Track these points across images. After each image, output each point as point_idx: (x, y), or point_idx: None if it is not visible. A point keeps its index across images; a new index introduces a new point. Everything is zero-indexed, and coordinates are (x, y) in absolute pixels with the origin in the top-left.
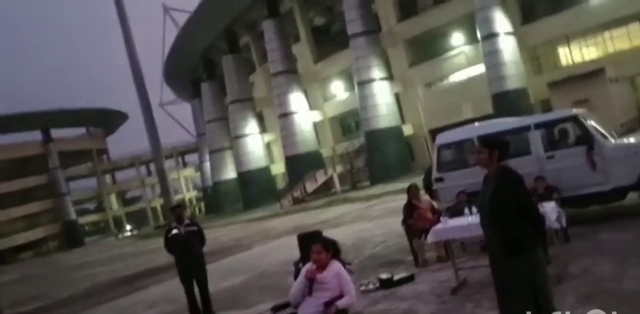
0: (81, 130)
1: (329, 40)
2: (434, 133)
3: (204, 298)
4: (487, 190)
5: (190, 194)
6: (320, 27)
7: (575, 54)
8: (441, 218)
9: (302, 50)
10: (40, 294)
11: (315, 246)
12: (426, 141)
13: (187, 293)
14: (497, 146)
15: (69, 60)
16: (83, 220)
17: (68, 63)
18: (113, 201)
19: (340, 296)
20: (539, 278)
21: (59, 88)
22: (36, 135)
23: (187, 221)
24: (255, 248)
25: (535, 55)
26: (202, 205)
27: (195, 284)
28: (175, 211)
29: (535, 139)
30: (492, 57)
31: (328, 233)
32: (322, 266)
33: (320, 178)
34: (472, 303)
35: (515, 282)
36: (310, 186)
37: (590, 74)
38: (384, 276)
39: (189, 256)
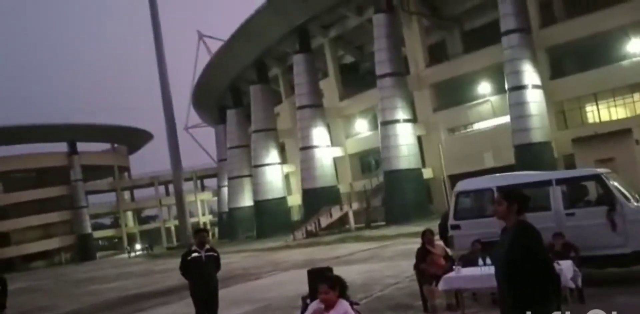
0: (106, 146)
1: (357, 79)
2: (454, 178)
3: None
4: (503, 243)
5: (205, 218)
6: (349, 65)
7: (602, 112)
8: (454, 266)
9: (329, 86)
10: (47, 305)
11: (322, 287)
12: (445, 186)
13: None
14: (516, 199)
15: (102, 76)
16: (97, 234)
17: (100, 79)
18: (129, 218)
19: None
20: None
21: (86, 103)
22: (60, 147)
23: (207, 246)
24: (263, 279)
25: (562, 110)
26: (216, 230)
27: (206, 310)
28: (200, 234)
29: (556, 195)
30: (518, 109)
31: (339, 270)
32: (330, 306)
33: (336, 213)
34: None
35: None
36: (324, 221)
37: (617, 134)
38: None
39: (207, 281)
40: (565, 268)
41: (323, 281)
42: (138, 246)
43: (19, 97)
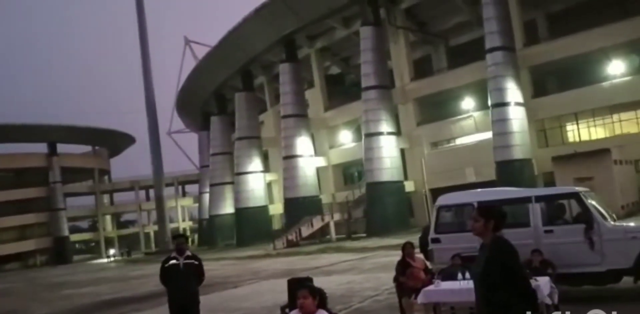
0: (86, 148)
1: (342, 90)
2: (435, 192)
3: None
4: (480, 259)
5: (185, 224)
6: (335, 76)
7: (582, 132)
8: (433, 280)
9: (315, 97)
10: (18, 309)
11: (302, 292)
12: (426, 199)
13: None
14: (493, 216)
15: (84, 78)
16: (75, 237)
17: (82, 81)
18: (108, 222)
19: None
20: None
21: (69, 104)
22: (39, 148)
23: (188, 253)
24: (242, 288)
25: (543, 128)
26: (196, 236)
27: None
28: (178, 240)
29: (535, 212)
30: (500, 125)
31: (318, 281)
32: (308, 313)
33: (317, 223)
34: None
35: None
36: (305, 231)
37: (596, 153)
38: None
39: (183, 291)
40: (543, 284)
41: (303, 287)
42: (112, 251)
43: None
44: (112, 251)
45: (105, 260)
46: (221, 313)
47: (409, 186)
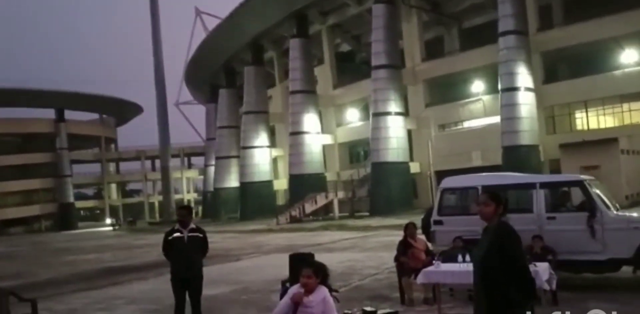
0: (94, 116)
1: (352, 68)
2: (440, 174)
3: (196, 311)
4: (482, 243)
5: (190, 196)
6: (345, 53)
7: (591, 120)
8: (434, 261)
9: (324, 73)
10: (22, 272)
11: (306, 271)
12: (431, 181)
13: (176, 305)
14: (502, 201)
15: (94, 47)
16: (80, 204)
17: (92, 50)
18: (113, 190)
19: None
20: None
21: (79, 72)
22: (47, 113)
23: (192, 226)
24: (243, 261)
25: (552, 115)
26: (200, 208)
27: (187, 295)
28: (179, 212)
29: (539, 198)
30: (509, 110)
31: (320, 257)
32: (309, 290)
33: (321, 201)
34: None
35: None
36: (309, 208)
37: (604, 142)
38: (368, 309)
39: (187, 265)
40: (542, 270)
41: (308, 265)
42: (109, 220)
43: (6, 59)
44: (108, 220)
45: (109, 228)
46: (223, 285)
47: (414, 167)
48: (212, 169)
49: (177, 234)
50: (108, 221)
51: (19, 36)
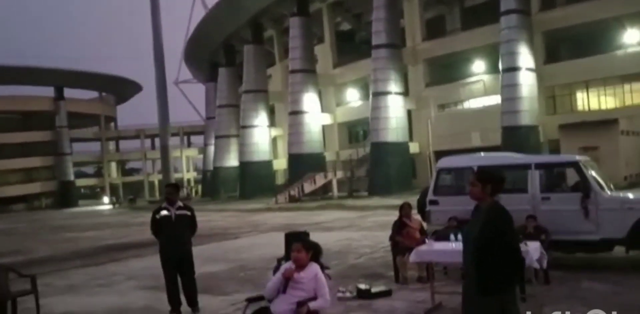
0: (93, 95)
1: (352, 47)
2: (440, 155)
3: (189, 291)
4: (475, 222)
5: (189, 175)
6: (345, 32)
7: (592, 101)
8: (427, 240)
9: (324, 53)
10: (21, 249)
11: (296, 245)
12: (430, 161)
13: (167, 283)
14: (490, 180)
15: (92, 23)
16: (80, 182)
17: (90, 26)
18: (113, 168)
19: (314, 298)
20: None
21: (78, 50)
22: (46, 91)
23: (179, 204)
24: (241, 239)
25: (552, 95)
26: (199, 187)
27: (179, 275)
28: (168, 189)
29: (534, 178)
30: (509, 90)
31: (317, 237)
32: (301, 266)
33: (320, 180)
34: None
35: None
36: (308, 187)
37: (604, 123)
38: (363, 286)
39: (175, 243)
40: (532, 249)
41: (298, 240)
42: (106, 199)
43: (3, 36)
44: (106, 199)
45: (108, 206)
46: (220, 262)
47: (414, 147)
48: (211, 148)
49: (164, 212)
50: (105, 200)
51: (16, 12)
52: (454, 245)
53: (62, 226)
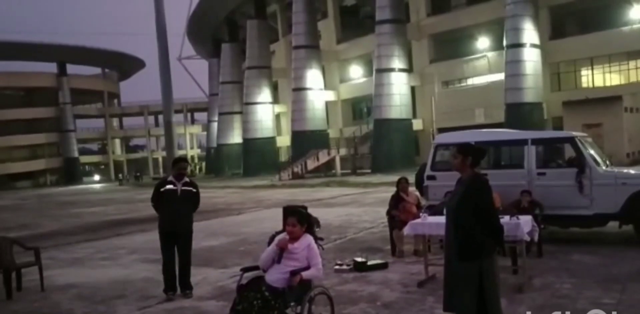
0: (96, 71)
1: (356, 23)
2: (443, 132)
3: (183, 270)
4: (456, 193)
5: (193, 152)
6: (349, 7)
7: (596, 78)
8: (421, 214)
9: (327, 28)
10: (29, 223)
11: (290, 219)
12: (433, 138)
13: (165, 262)
14: (470, 153)
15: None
16: (84, 159)
17: (93, 2)
18: (117, 145)
19: (307, 268)
20: (487, 285)
21: (80, 25)
22: (49, 67)
23: (185, 180)
24: (244, 215)
25: (557, 72)
26: (203, 164)
27: (176, 252)
28: (179, 165)
29: (530, 154)
30: (513, 67)
31: (318, 212)
32: (294, 238)
33: (323, 157)
34: (433, 297)
35: (463, 286)
36: (311, 164)
37: (607, 100)
38: (359, 259)
39: (178, 218)
40: (524, 222)
41: (292, 214)
42: (97, 177)
43: (5, 12)
44: (97, 177)
45: (114, 184)
46: (222, 237)
47: (417, 124)
48: (215, 125)
49: (169, 186)
50: (96, 177)
51: None
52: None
53: (67, 202)
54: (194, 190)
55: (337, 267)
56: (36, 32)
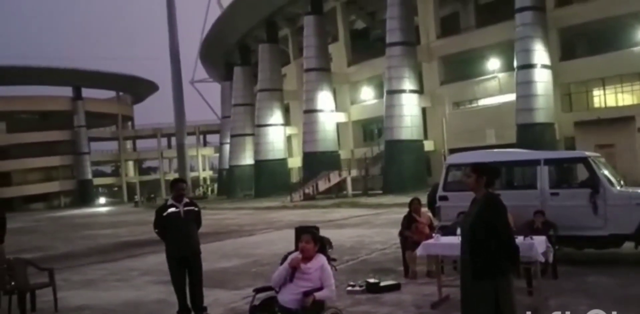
0: (110, 94)
1: (366, 45)
2: (455, 153)
3: (196, 292)
4: (470, 213)
5: (205, 173)
6: (359, 30)
7: (608, 98)
8: (434, 234)
9: (338, 51)
10: (43, 245)
11: (305, 236)
12: (445, 159)
13: (176, 286)
14: (485, 172)
15: (110, 24)
16: (98, 181)
17: (108, 27)
18: (130, 167)
19: (320, 289)
20: (503, 305)
21: (95, 50)
22: (64, 91)
23: (186, 200)
24: (255, 236)
25: (568, 93)
26: (215, 186)
27: (188, 274)
28: (178, 185)
29: (543, 174)
30: (524, 88)
31: (330, 233)
32: (308, 257)
33: (334, 179)
34: None
35: (480, 305)
36: (322, 185)
37: (620, 120)
38: (372, 280)
39: (186, 241)
40: (538, 242)
41: (307, 232)
42: (102, 200)
43: (24, 37)
44: (102, 200)
45: (128, 205)
46: (234, 258)
47: (429, 145)
48: (227, 147)
49: (172, 209)
50: (102, 200)
51: (34, 13)
52: (460, 239)
53: (81, 224)
54: (196, 209)
55: (349, 288)
56: (52, 57)
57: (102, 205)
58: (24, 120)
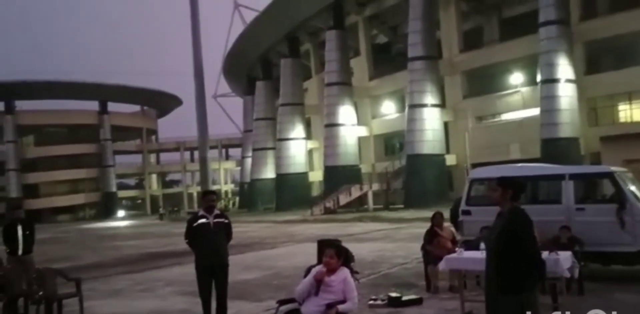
0: (135, 108)
1: (388, 60)
2: (477, 167)
3: (221, 304)
4: (496, 227)
5: (227, 187)
6: (381, 45)
7: (635, 112)
8: (457, 249)
9: (360, 65)
10: (70, 255)
11: (329, 251)
12: (467, 174)
13: (203, 297)
14: (511, 186)
15: (134, 39)
16: (122, 193)
17: (132, 42)
18: (153, 180)
19: (343, 301)
20: None
21: (120, 65)
22: (91, 105)
23: (216, 212)
24: (277, 249)
25: (594, 107)
26: (237, 199)
27: (215, 284)
28: (208, 197)
29: (568, 189)
30: (548, 102)
31: (351, 247)
32: (331, 270)
33: (355, 192)
34: None
35: None
36: (343, 199)
37: None
38: (394, 294)
39: (214, 253)
40: (564, 258)
41: (331, 246)
42: (121, 213)
43: (51, 53)
44: (121, 213)
45: (153, 218)
46: (256, 270)
47: (451, 159)
48: (249, 160)
49: (202, 220)
50: (120, 213)
51: (62, 30)
52: (483, 253)
53: (107, 236)
54: (226, 221)
55: (371, 302)
56: (79, 72)
57: (122, 218)
58: (51, 134)
